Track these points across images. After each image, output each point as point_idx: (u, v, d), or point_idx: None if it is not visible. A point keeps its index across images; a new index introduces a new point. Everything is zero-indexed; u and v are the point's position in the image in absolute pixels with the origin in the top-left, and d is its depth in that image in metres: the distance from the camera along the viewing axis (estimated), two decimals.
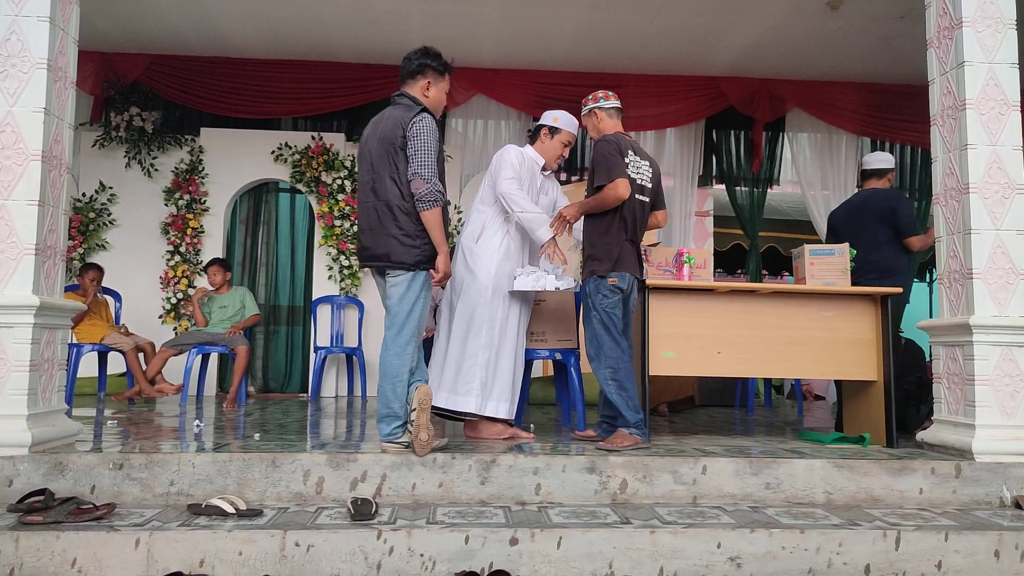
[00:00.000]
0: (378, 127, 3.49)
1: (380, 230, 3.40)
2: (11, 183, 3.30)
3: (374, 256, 3.44)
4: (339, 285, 7.19)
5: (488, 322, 3.85)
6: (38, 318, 3.27)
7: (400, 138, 3.36)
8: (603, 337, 3.73)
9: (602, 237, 3.78)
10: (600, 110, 3.99)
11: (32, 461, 3.12)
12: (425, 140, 3.34)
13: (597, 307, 3.75)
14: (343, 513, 2.98)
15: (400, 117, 3.40)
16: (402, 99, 3.52)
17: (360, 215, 3.53)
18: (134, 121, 7.03)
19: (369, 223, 3.45)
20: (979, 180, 3.65)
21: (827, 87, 7.56)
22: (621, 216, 3.78)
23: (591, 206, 3.80)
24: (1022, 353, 3.58)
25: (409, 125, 3.36)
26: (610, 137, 3.84)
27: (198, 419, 4.72)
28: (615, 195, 3.69)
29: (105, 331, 5.97)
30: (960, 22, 3.72)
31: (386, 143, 3.40)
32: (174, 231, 7.08)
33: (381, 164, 3.40)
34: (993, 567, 2.88)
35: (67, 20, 3.56)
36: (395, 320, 3.41)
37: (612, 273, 3.74)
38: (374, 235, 3.42)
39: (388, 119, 3.46)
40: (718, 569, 2.81)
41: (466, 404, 3.83)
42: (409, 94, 3.53)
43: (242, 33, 6.71)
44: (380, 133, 3.45)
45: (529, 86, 7.38)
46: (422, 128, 3.36)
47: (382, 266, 3.45)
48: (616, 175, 3.69)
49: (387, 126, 3.43)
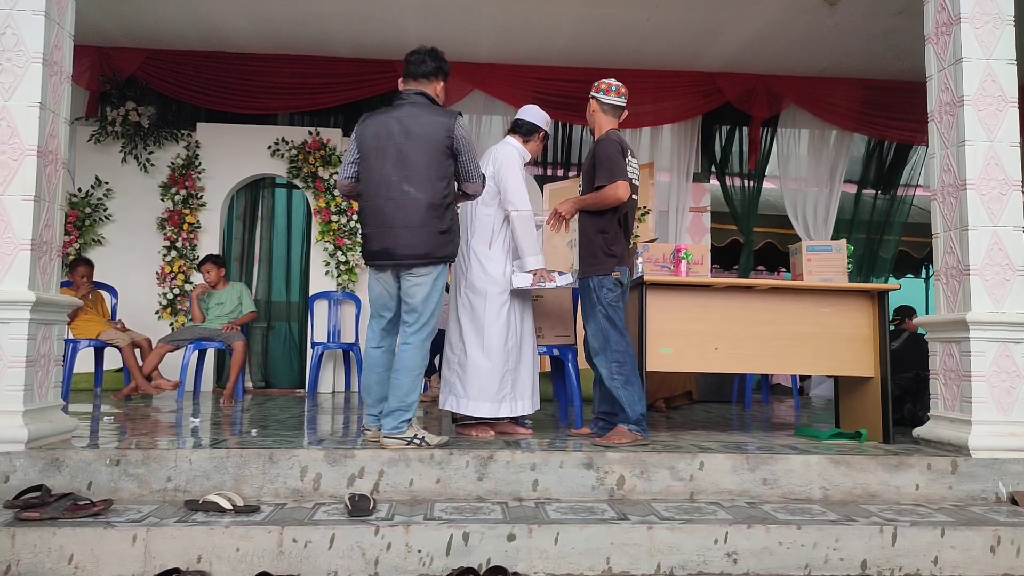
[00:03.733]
0: (403, 124, 3.43)
1: (424, 228, 3.38)
2: (6, 178, 3.28)
3: (412, 255, 3.39)
4: (336, 281, 7.18)
5: (513, 325, 3.86)
6: (34, 314, 3.26)
7: (447, 138, 3.44)
8: (609, 331, 3.73)
9: (604, 234, 3.79)
10: (595, 101, 3.95)
11: (28, 457, 3.12)
12: (472, 146, 3.53)
13: (602, 301, 3.74)
14: (340, 509, 2.98)
15: (443, 121, 3.45)
16: (421, 98, 3.53)
17: (379, 213, 3.43)
18: (130, 116, 7.00)
19: (405, 221, 3.38)
20: (976, 176, 3.65)
21: (824, 83, 7.55)
22: (621, 215, 3.80)
23: (588, 203, 3.80)
24: (1019, 349, 3.59)
25: (455, 129, 3.45)
26: (614, 136, 3.84)
27: (194, 417, 4.71)
28: (615, 197, 3.70)
29: (101, 327, 5.96)
30: (958, 18, 3.71)
31: (432, 143, 3.42)
32: (170, 226, 7.06)
33: (425, 162, 3.40)
34: (989, 563, 2.90)
35: (62, 14, 3.54)
36: (421, 316, 3.43)
37: (615, 267, 3.76)
38: (413, 233, 3.38)
39: (427, 120, 3.44)
40: (715, 565, 2.82)
41: (506, 410, 3.85)
42: (428, 94, 3.56)
43: (238, 28, 6.68)
44: (420, 132, 3.41)
45: (526, 81, 7.36)
46: (466, 134, 3.52)
47: (419, 263, 3.40)
48: (618, 177, 3.69)
49: (429, 127, 3.42)
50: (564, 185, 7.10)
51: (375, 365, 3.63)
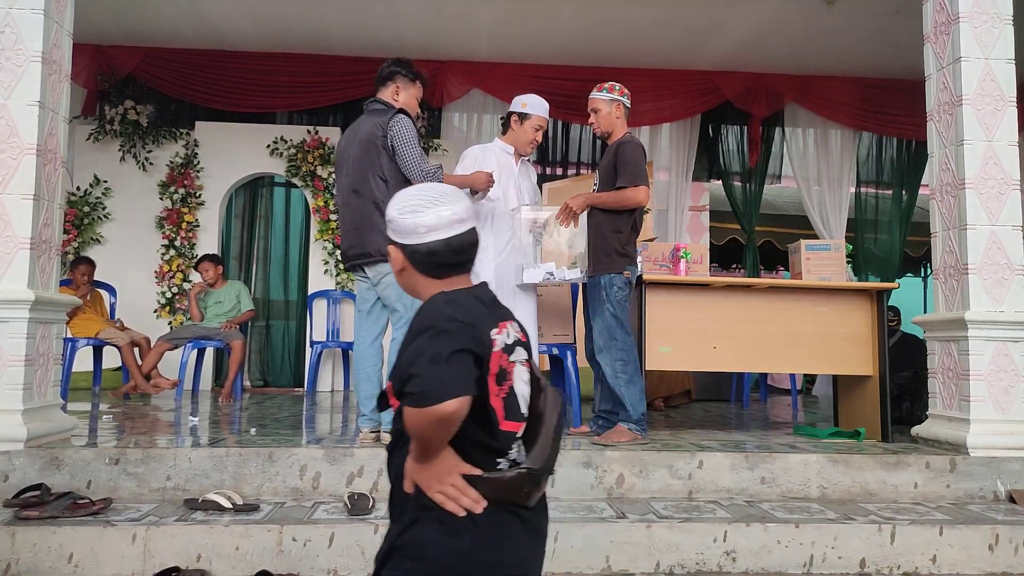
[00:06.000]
0: (356, 133, 3.61)
1: (366, 227, 3.45)
2: (5, 177, 3.28)
3: (361, 254, 3.49)
4: (335, 280, 7.17)
5: None
6: (33, 312, 3.26)
7: (380, 138, 3.48)
8: (616, 329, 3.74)
9: (619, 234, 3.80)
10: (622, 106, 3.93)
11: (28, 456, 3.12)
12: (408, 138, 3.47)
13: (611, 299, 3.75)
14: (340, 508, 2.99)
15: (377, 120, 3.53)
16: (375, 104, 3.66)
17: (342, 220, 3.63)
18: (129, 114, 6.99)
19: (353, 223, 3.52)
20: (975, 176, 3.65)
21: (823, 82, 7.56)
22: (636, 216, 3.84)
23: (605, 202, 3.80)
24: (1017, 348, 3.59)
25: (389, 126, 3.47)
26: (637, 141, 3.88)
27: (193, 416, 4.71)
28: (635, 200, 3.74)
29: (100, 326, 5.95)
30: (957, 17, 3.72)
31: (367, 144, 3.51)
32: (169, 225, 7.05)
33: (363, 165, 3.50)
34: (987, 561, 2.90)
35: (61, 12, 3.54)
36: (402, 314, 3.46)
37: (627, 267, 3.79)
38: (360, 233, 3.48)
39: (365, 124, 3.58)
40: (714, 563, 2.82)
41: None
42: (381, 99, 3.66)
43: (237, 26, 6.68)
44: (359, 137, 3.55)
45: (524, 80, 7.34)
46: (402, 128, 3.48)
47: (371, 261, 3.48)
48: (641, 181, 3.73)
49: (366, 129, 3.55)
50: (563, 184, 7.09)
51: (361, 360, 3.63)
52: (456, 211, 1.45)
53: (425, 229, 1.43)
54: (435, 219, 1.43)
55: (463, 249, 1.47)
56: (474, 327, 1.36)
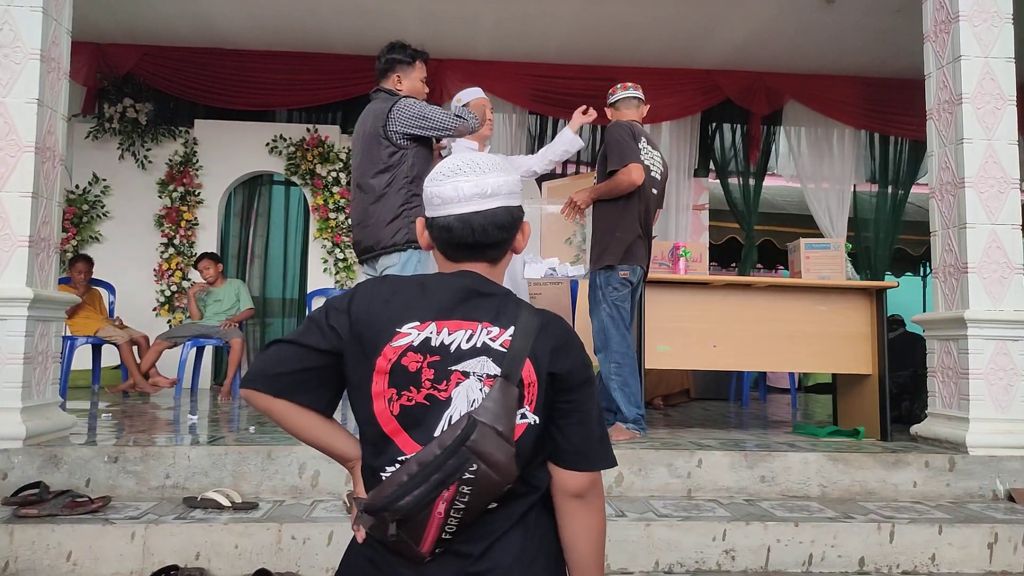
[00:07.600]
0: (363, 125, 3.53)
1: (367, 221, 3.43)
2: (4, 175, 3.27)
3: (366, 248, 3.46)
4: (334, 278, 7.17)
5: None
6: (32, 310, 3.26)
7: (381, 128, 3.38)
8: (610, 330, 3.71)
9: (614, 227, 3.73)
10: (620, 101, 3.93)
11: (27, 454, 3.11)
12: (417, 113, 3.31)
13: (607, 299, 3.72)
14: (339, 506, 2.98)
15: (379, 108, 3.41)
16: (378, 93, 3.57)
17: (352, 212, 3.59)
18: (127, 112, 6.98)
19: (357, 218, 3.49)
20: (975, 174, 3.65)
21: (823, 80, 7.55)
22: (634, 206, 3.73)
23: (603, 191, 3.75)
24: (1016, 347, 3.59)
25: (393, 112, 3.33)
26: (623, 123, 3.79)
27: (192, 414, 4.70)
28: (628, 180, 3.62)
29: (99, 324, 5.95)
30: (957, 16, 3.71)
31: (368, 136, 3.45)
32: (168, 223, 7.04)
33: (365, 160, 3.45)
34: (986, 559, 2.90)
35: (60, 10, 3.53)
36: None
37: (623, 265, 3.70)
38: (363, 228, 3.46)
39: (368, 116, 3.49)
40: (713, 562, 2.82)
41: None
42: (384, 88, 3.57)
43: (236, 24, 6.66)
44: (361, 129, 3.50)
45: (524, 79, 7.35)
46: (408, 105, 3.33)
47: (374, 255, 3.44)
48: (629, 160, 3.62)
49: (366, 122, 3.46)
50: (562, 183, 7.08)
51: None
52: (481, 184, 1.24)
53: (440, 201, 1.26)
54: (452, 191, 1.25)
55: (485, 230, 1.25)
56: (357, 320, 1.22)
